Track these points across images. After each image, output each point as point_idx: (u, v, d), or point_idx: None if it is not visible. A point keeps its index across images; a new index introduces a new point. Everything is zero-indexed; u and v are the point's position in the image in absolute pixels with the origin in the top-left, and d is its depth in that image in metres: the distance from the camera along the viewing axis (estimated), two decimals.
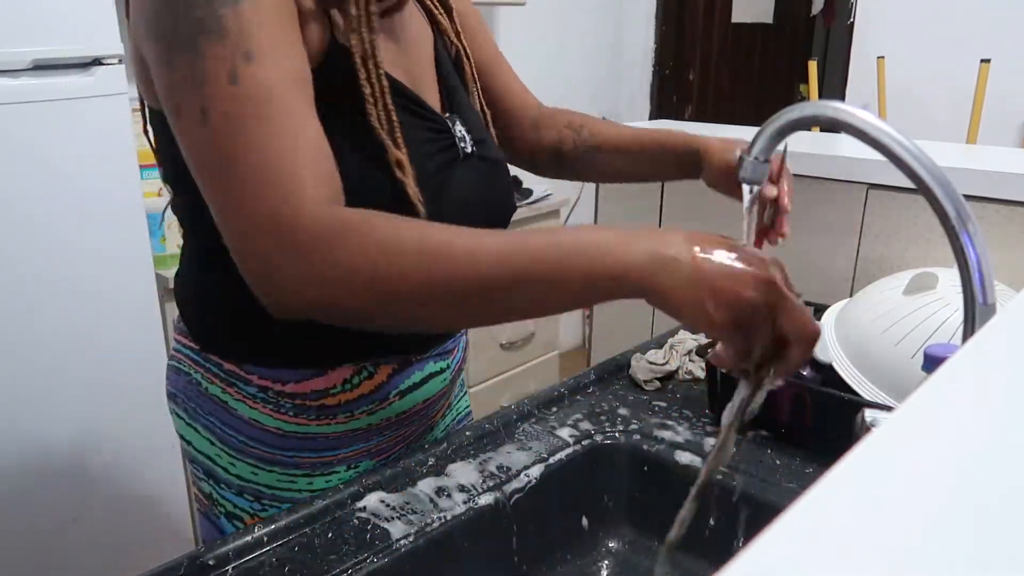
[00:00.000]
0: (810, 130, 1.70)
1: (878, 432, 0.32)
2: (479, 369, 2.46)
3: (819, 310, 1.10)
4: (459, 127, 0.80)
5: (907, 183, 0.64)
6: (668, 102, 3.49)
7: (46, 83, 1.37)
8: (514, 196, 0.89)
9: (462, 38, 0.86)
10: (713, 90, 3.60)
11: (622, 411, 1.01)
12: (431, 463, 0.87)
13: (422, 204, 0.70)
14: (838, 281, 1.30)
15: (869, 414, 0.69)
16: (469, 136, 0.81)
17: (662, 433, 0.96)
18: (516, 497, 0.84)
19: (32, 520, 1.48)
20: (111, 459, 1.58)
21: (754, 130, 0.72)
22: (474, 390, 2.46)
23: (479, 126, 0.84)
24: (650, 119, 3.47)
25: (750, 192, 0.79)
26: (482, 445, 0.92)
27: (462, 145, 0.79)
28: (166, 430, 1.66)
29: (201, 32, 0.59)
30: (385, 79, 0.69)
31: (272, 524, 0.75)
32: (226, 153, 0.59)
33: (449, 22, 0.85)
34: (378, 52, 0.69)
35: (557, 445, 0.91)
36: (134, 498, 1.63)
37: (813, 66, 2.67)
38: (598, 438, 0.94)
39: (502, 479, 0.85)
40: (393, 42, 0.77)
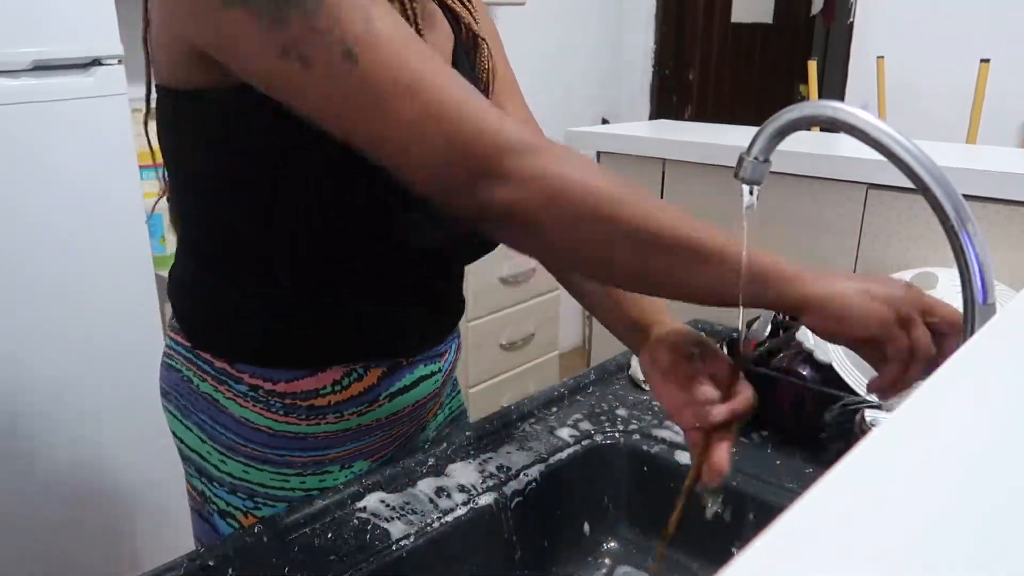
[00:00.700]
0: (810, 130, 1.70)
1: (878, 432, 0.32)
2: (479, 369, 2.46)
3: None
4: None
5: (907, 183, 0.64)
6: (668, 102, 3.49)
7: (46, 83, 1.37)
8: None
9: (480, 32, 0.84)
10: (713, 90, 3.60)
11: (622, 411, 1.01)
12: (431, 463, 0.87)
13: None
14: None
15: (869, 414, 0.69)
16: None
17: (661, 433, 0.96)
18: (516, 498, 0.84)
19: (30, 521, 1.48)
20: (111, 459, 1.59)
21: (754, 130, 0.72)
22: (474, 390, 2.46)
23: None
24: (650, 119, 3.47)
25: (750, 193, 0.78)
26: (482, 445, 0.92)
27: None
28: (166, 430, 1.67)
29: None
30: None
31: (272, 524, 0.75)
32: (396, 81, 0.56)
33: (471, 18, 0.84)
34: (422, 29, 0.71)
35: (557, 445, 0.91)
36: (134, 498, 1.63)
37: (813, 66, 2.67)
38: (598, 438, 0.94)
39: (502, 479, 0.85)
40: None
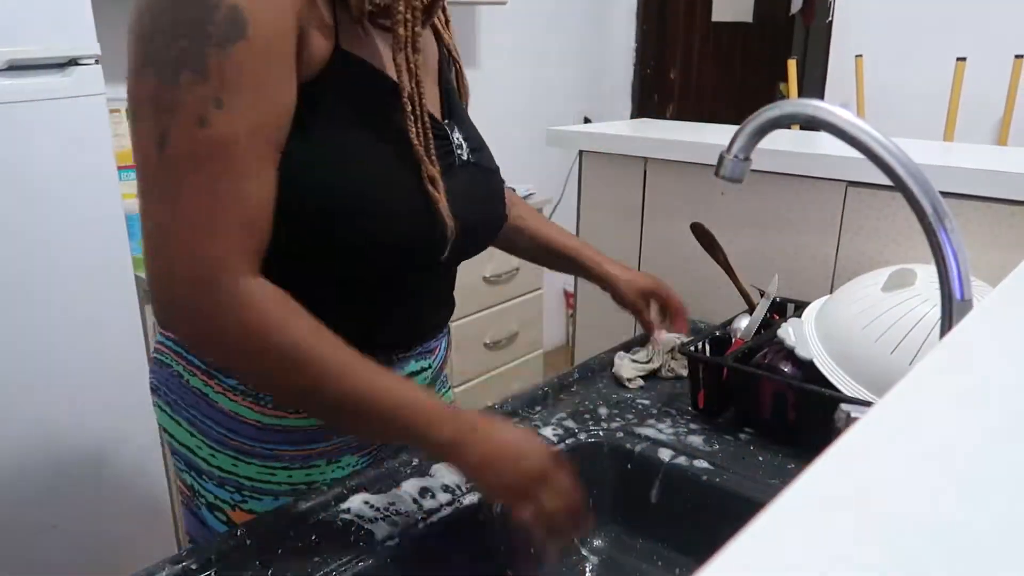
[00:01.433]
0: (790, 128, 1.71)
1: (858, 427, 0.33)
2: (464, 368, 2.46)
3: (799, 307, 1.10)
4: (457, 134, 0.82)
5: (886, 181, 0.65)
6: (650, 101, 3.50)
7: (22, 83, 1.35)
8: (503, 206, 0.90)
9: (457, 54, 0.89)
10: (694, 89, 3.62)
11: (605, 409, 1.02)
12: (415, 464, 0.87)
13: (451, 220, 0.74)
14: (818, 278, 1.31)
15: (850, 409, 0.70)
16: (466, 144, 0.83)
17: (645, 431, 0.96)
18: None
19: (13, 524, 1.46)
20: (92, 462, 1.57)
21: (735, 128, 0.73)
22: (459, 389, 2.46)
23: (476, 136, 0.87)
24: (632, 118, 3.48)
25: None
26: None
27: (459, 152, 0.81)
28: (148, 432, 1.65)
29: (184, 65, 0.60)
30: (424, 98, 0.72)
31: (255, 527, 0.75)
32: (172, 187, 0.62)
33: (451, 42, 0.88)
34: (421, 71, 0.72)
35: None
36: (117, 501, 1.62)
37: (792, 65, 2.69)
38: (582, 436, 0.95)
39: None
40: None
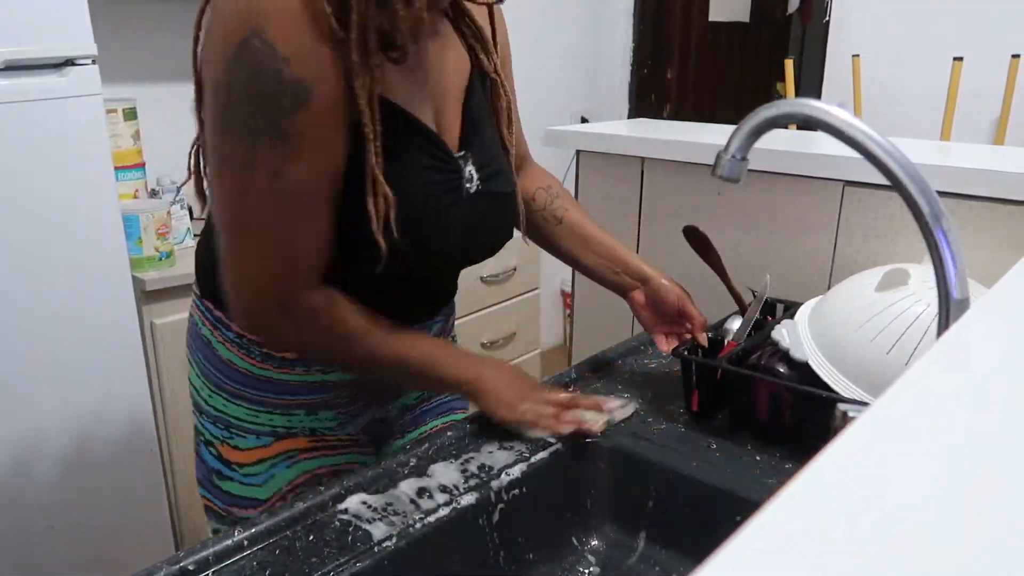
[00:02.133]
0: (787, 128, 1.71)
1: (854, 427, 0.33)
2: None
3: (789, 307, 1.10)
4: (470, 167, 0.86)
5: (883, 180, 0.65)
6: (647, 101, 3.50)
7: (18, 84, 1.35)
8: (513, 225, 0.95)
9: (500, 72, 0.92)
10: (691, 89, 3.62)
11: None
12: (412, 464, 0.87)
13: (384, 247, 0.77)
14: (816, 277, 1.32)
15: (846, 409, 0.70)
16: (478, 174, 0.86)
17: (642, 431, 0.96)
18: (498, 497, 0.84)
19: (10, 525, 1.46)
20: (90, 461, 1.57)
21: (732, 128, 0.73)
22: None
23: (496, 158, 0.90)
24: (629, 117, 3.48)
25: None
26: (464, 445, 0.92)
27: (468, 186, 0.85)
28: (146, 432, 1.65)
29: (262, 134, 0.71)
30: (379, 125, 0.75)
31: (253, 527, 0.75)
32: (257, 224, 0.75)
33: (486, 55, 0.90)
34: (374, 98, 0.74)
35: (538, 444, 0.91)
36: (114, 501, 1.62)
37: (789, 64, 2.69)
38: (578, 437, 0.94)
39: (484, 479, 0.85)
40: (418, 74, 0.81)
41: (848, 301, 0.96)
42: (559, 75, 3.26)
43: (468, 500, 0.82)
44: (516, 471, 0.87)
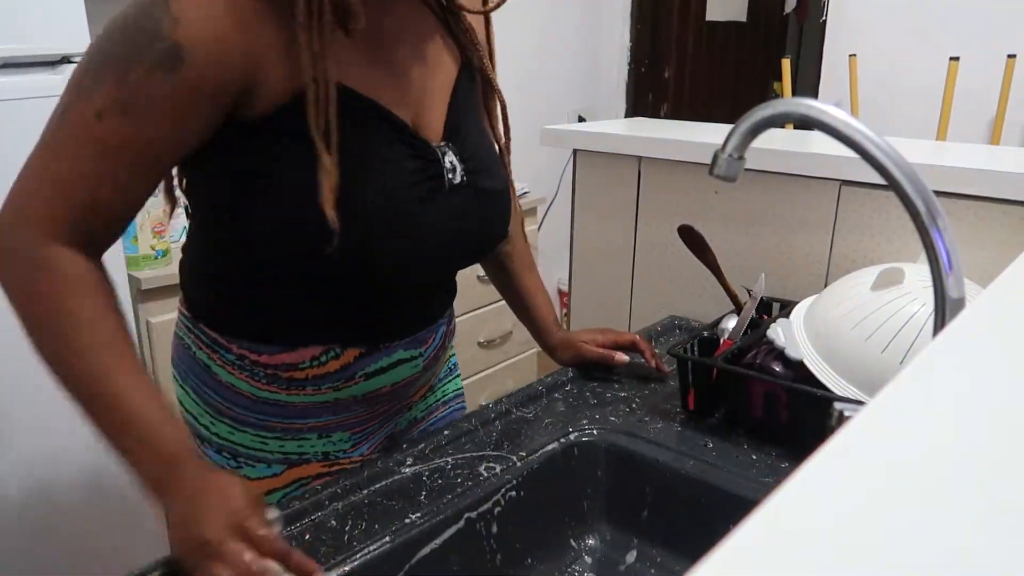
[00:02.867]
0: (783, 127, 1.71)
1: (850, 427, 0.33)
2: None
3: (785, 306, 1.11)
4: (450, 157, 0.82)
5: (879, 180, 0.65)
6: (644, 100, 3.50)
7: (14, 81, 1.35)
8: (505, 224, 0.92)
9: (491, 72, 0.90)
10: (688, 87, 3.62)
11: (599, 408, 1.02)
12: (409, 462, 0.87)
13: (335, 221, 0.72)
14: (811, 276, 1.32)
15: (843, 408, 0.70)
16: (463, 166, 0.83)
17: (638, 430, 0.96)
18: (494, 495, 0.84)
19: (7, 525, 1.46)
20: (86, 462, 1.56)
21: (729, 127, 0.73)
22: None
23: (484, 156, 0.87)
24: (626, 116, 3.48)
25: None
26: (460, 444, 0.92)
27: (450, 176, 0.81)
28: None
29: (112, 68, 0.66)
30: (333, 87, 0.70)
31: None
32: (49, 146, 0.69)
33: (478, 55, 0.88)
34: (323, 60, 0.70)
35: (535, 443, 0.91)
36: (111, 501, 1.61)
37: (786, 64, 2.70)
38: (575, 435, 0.94)
39: (480, 476, 0.85)
40: (394, 68, 0.79)
41: (844, 300, 0.97)
42: (556, 74, 3.26)
43: (465, 499, 0.82)
44: (513, 470, 0.87)
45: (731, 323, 1.10)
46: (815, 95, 2.85)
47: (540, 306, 1.12)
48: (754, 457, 0.91)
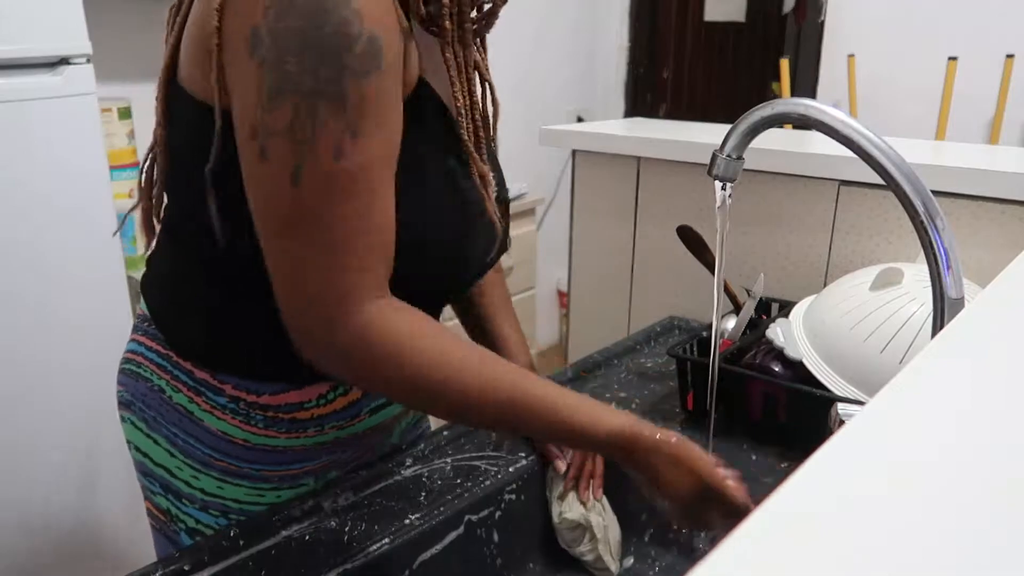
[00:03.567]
0: (782, 127, 1.71)
1: (850, 426, 0.33)
2: None
3: (784, 306, 1.11)
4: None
5: (878, 180, 0.65)
6: (643, 100, 3.51)
7: (13, 83, 1.34)
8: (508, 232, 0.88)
9: (488, 74, 0.84)
10: (687, 88, 3.62)
11: None
12: (408, 463, 0.87)
13: (500, 220, 0.72)
14: (810, 276, 1.32)
15: (841, 409, 0.70)
16: (493, 176, 0.78)
17: None
18: (493, 494, 0.84)
19: (5, 525, 1.46)
20: (85, 462, 1.56)
21: (727, 127, 0.73)
22: None
23: (496, 164, 0.83)
24: (625, 117, 3.48)
25: (722, 189, 0.79)
26: (460, 445, 0.92)
27: (491, 188, 0.77)
28: None
29: (323, 97, 0.57)
30: (475, 95, 0.70)
31: (250, 527, 0.75)
32: (312, 216, 0.60)
33: (486, 67, 0.84)
34: (471, 66, 0.68)
35: (532, 449, 0.91)
36: (110, 501, 1.61)
37: (785, 64, 2.70)
38: None
39: (480, 478, 0.85)
40: (443, 67, 0.74)
41: (842, 300, 0.97)
42: (555, 74, 3.26)
43: (464, 500, 0.81)
44: (512, 470, 0.87)
45: (730, 323, 1.11)
46: (814, 95, 2.85)
47: (510, 355, 0.95)
48: (753, 457, 0.91)
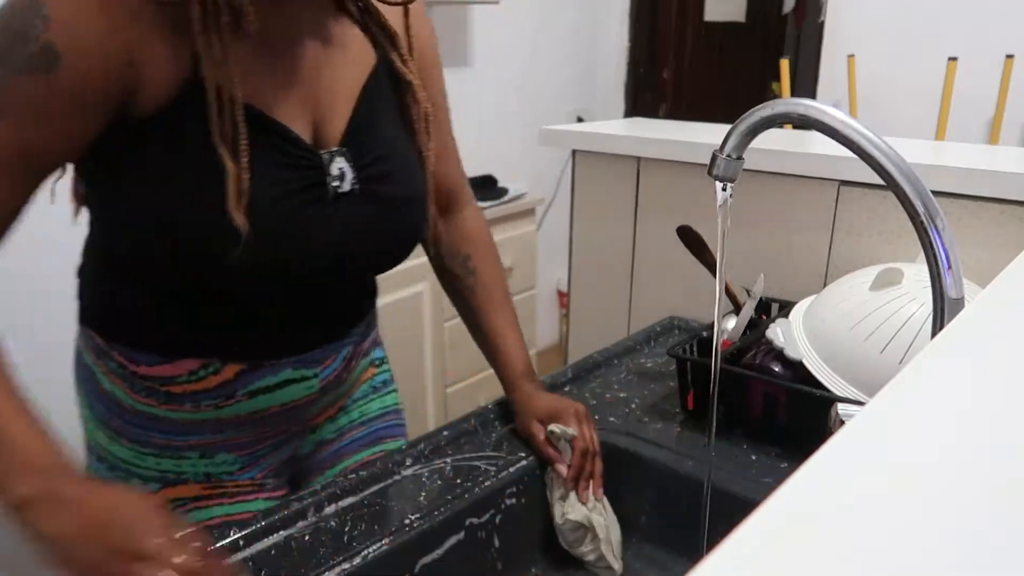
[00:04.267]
0: (782, 127, 1.71)
1: (850, 426, 0.33)
2: (457, 368, 2.46)
3: (784, 306, 1.11)
4: (340, 164, 0.76)
5: (878, 180, 0.65)
6: (643, 100, 3.51)
7: None
8: (414, 232, 0.85)
9: (410, 67, 0.83)
10: (687, 88, 3.62)
11: (598, 409, 1.02)
12: (408, 463, 0.87)
13: (245, 225, 0.69)
14: (810, 277, 1.32)
15: (841, 409, 0.70)
16: (357, 173, 0.77)
17: (638, 430, 0.96)
18: (494, 495, 0.84)
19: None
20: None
21: (727, 127, 0.73)
22: (451, 390, 2.46)
23: (391, 159, 0.81)
24: (625, 117, 3.48)
25: (723, 190, 0.79)
26: (459, 445, 0.92)
27: (335, 184, 0.76)
28: None
29: None
30: (239, 100, 0.69)
31: (248, 526, 0.75)
32: None
33: (397, 54, 0.82)
34: (226, 65, 0.68)
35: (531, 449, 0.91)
36: None
37: (785, 64, 2.69)
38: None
39: (480, 478, 0.85)
40: (287, 71, 0.74)
41: (842, 300, 0.97)
42: (555, 74, 3.26)
43: (464, 500, 0.81)
44: (512, 470, 0.87)
45: (730, 323, 1.10)
46: (813, 95, 2.85)
47: (506, 352, 0.96)
48: (753, 457, 0.91)
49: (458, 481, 0.84)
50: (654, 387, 1.09)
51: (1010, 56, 2.42)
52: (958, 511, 0.27)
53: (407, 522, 0.77)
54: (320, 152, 0.76)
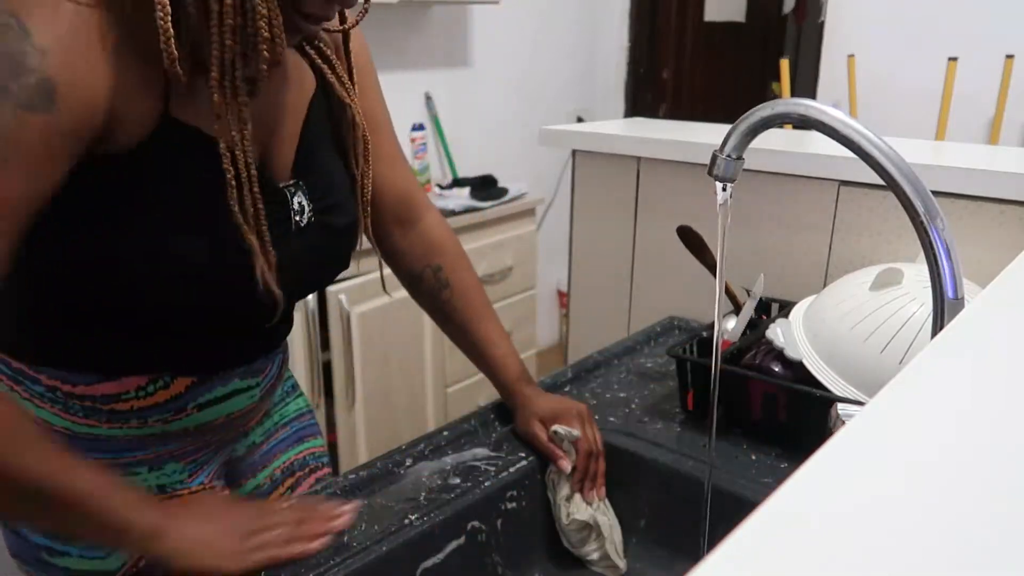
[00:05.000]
0: (782, 127, 1.71)
1: (850, 426, 0.33)
2: (456, 368, 2.46)
3: (784, 306, 1.11)
4: (299, 198, 0.77)
5: (878, 180, 0.65)
6: (643, 100, 3.50)
7: None
8: (347, 257, 0.86)
9: (352, 94, 0.82)
10: (687, 88, 3.62)
11: (598, 409, 1.02)
12: (408, 463, 0.87)
13: (280, 296, 0.71)
14: (810, 277, 1.32)
15: (841, 409, 0.70)
16: (311, 206, 0.78)
17: (638, 430, 0.96)
18: (494, 496, 0.84)
19: None
20: None
21: (727, 127, 0.73)
22: (451, 390, 2.46)
23: (336, 190, 0.82)
24: (625, 117, 3.48)
25: (723, 190, 0.79)
26: (459, 445, 0.92)
27: (297, 219, 0.77)
28: None
29: None
30: (254, 168, 0.68)
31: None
32: None
33: (337, 80, 0.80)
34: (247, 142, 0.67)
35: (531, 450, 0.91)
36: None
37: (785, 64, 2.69)
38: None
39: (480, 479, 0.85)
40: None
41: (842, 300, 0.97)
42: (555, 75, 3.26)
43: (464, 500, 0.81)
44: (512, 470, 0.87)
45: (730, 323, 1.10)
46: (813, 95, 2.85)
47: (498, 358, 0.96)
48: (753, 457, 0.91)
49: (458, 481, 0.84)
50: (654, 387, 1.09)
51: (1010, 56, 2.42)
52: (958, 511, 0.27)
53: (407, 522, 0.77)
54: (281, 186, 0.76)
